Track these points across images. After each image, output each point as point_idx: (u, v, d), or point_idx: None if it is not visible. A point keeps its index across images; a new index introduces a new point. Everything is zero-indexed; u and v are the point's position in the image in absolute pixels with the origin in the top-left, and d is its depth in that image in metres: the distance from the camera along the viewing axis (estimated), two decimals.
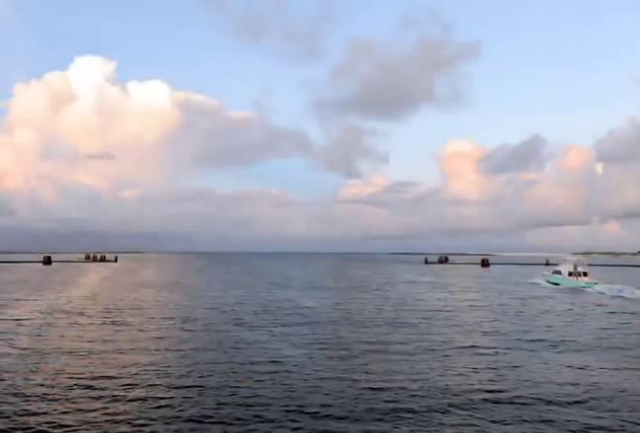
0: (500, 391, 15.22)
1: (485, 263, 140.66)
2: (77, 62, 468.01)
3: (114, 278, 74.60)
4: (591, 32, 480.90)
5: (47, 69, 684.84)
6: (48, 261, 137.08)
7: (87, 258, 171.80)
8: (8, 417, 12.66)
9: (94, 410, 13.20)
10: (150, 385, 15.63)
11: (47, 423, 12.25)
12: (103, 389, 15.19)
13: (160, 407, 13.58)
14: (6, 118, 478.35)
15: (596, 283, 58.38)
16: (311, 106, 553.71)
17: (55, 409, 13.25)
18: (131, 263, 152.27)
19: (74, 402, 13.86)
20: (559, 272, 65.17)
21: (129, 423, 12.32)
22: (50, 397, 14.32)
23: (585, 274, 61.21)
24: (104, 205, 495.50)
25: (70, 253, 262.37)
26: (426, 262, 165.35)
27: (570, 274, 61.87)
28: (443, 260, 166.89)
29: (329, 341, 23.28)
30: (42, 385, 15.49)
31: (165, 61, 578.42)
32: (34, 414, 12.90)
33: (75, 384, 15.59)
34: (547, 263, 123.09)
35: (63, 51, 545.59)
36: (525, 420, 12.72)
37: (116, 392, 14.83)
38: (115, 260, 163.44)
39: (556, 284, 62.71)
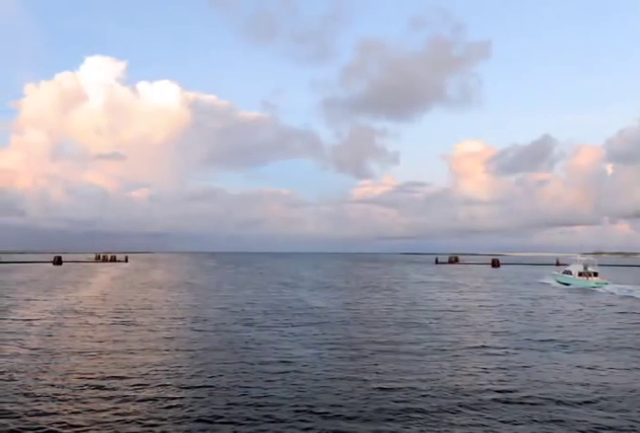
0: (510, 392, 15.17)
1: (495, 264, 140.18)
2: (87, 63, 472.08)
3: (124, 278, 74.83)
4: (602, 33, 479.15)
5: (57, 70, 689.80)
6: (58, 261, 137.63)
7: (98, 258, 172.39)
8: (19, 417, 12.72)
9: (104, 411, 13.25)
10: (160, 385, 15.67)
11: (57, 423, 12.29)
12: (113, 389, 15.24)
13: (170, 407, 13.61)
14: (17, 118, 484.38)
15: (606, 283, 58.14)
16: (321, 107, 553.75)
17: (65, 410, 13.31)
18: (141, 263, 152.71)
19: (84, 402, 13.91)
20: (569, 272, 64.94)
21: (139, 423, 12.36)
22: (60, 397, 14.38)
23: (595, 274, 60.95)
24: (114, 205, 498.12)
25: (80, 253, 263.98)
26: (437, 262, 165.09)
27: (580, 274, 61.64)
28: (454, 260, 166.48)
29: (339, 341, 23.28)
30: (53, 385, 15.56)
31: (175, 62, 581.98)
32: (45, 414, 12.96)
33: (85, 384, 15.65)
34: (558, 263, 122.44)
35: (73, 52, 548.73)
36: (535, 420, 12.68)
37: (127, 393, 14.87)
38: (126, 260, 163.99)
39: (566, 284, 62.48)
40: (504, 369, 18.09)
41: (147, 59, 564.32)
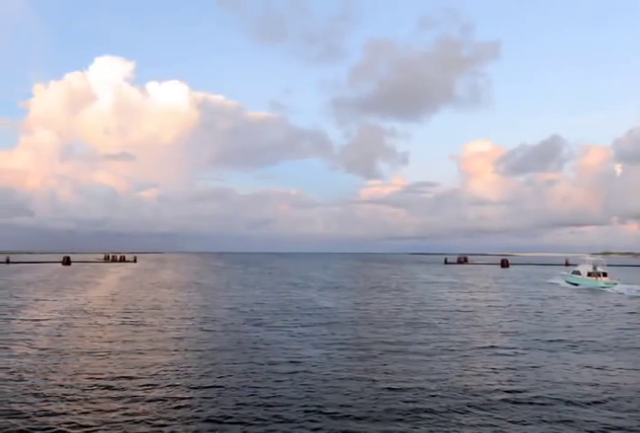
0: (519, 392, 15.13)
1: (504, 264, 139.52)
2: (96, 63, 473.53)
3: (133, 278, 75.02)
4: (610, 33, 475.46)
5: (66, 70, 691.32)
6: (67, 261, 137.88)
7: (106, 258, 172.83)
8: (28, 417, 12.76)
9: (113, 411, 13.28)
10: (169, 385, 15.70)
11: (66, 423, 12.33)
12: (122, 389, 15.28)
13: (179, 407, 13.64)
14: (26, 118, 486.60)
15: (615, 284, 57.88)
16: (330, 107, 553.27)
17: (74, 410, 13.35)
18: (150, 264, 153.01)
19: (93, 403, 13.95)
20: (578, 273, 64.66)
21: (148, 423, 12.38)
22: (69, 397, 14.42)
23: (604, 274, 60.65)
24: (123, 205, 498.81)
25: (89, 254, 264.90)
26: (446, 262, 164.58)
27: (589, 274, 61.37)
28: (463, 260, 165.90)
29: (348, 341, 23.26)
30: (62, 385, 15.61)
31: (184, 62, 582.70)
32: (54, 414, 13.00)
33: (94, 385, 15.70)
34: (567, 264, 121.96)
35: (83, 52, 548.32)
36: (544, 421, 12.63)
37: (136, 393, 14.91)
38: (135, 260, 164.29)
39: (575, 284, 62.22)
40: (513, 369, 18.04)
41: (156, 60, 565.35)
